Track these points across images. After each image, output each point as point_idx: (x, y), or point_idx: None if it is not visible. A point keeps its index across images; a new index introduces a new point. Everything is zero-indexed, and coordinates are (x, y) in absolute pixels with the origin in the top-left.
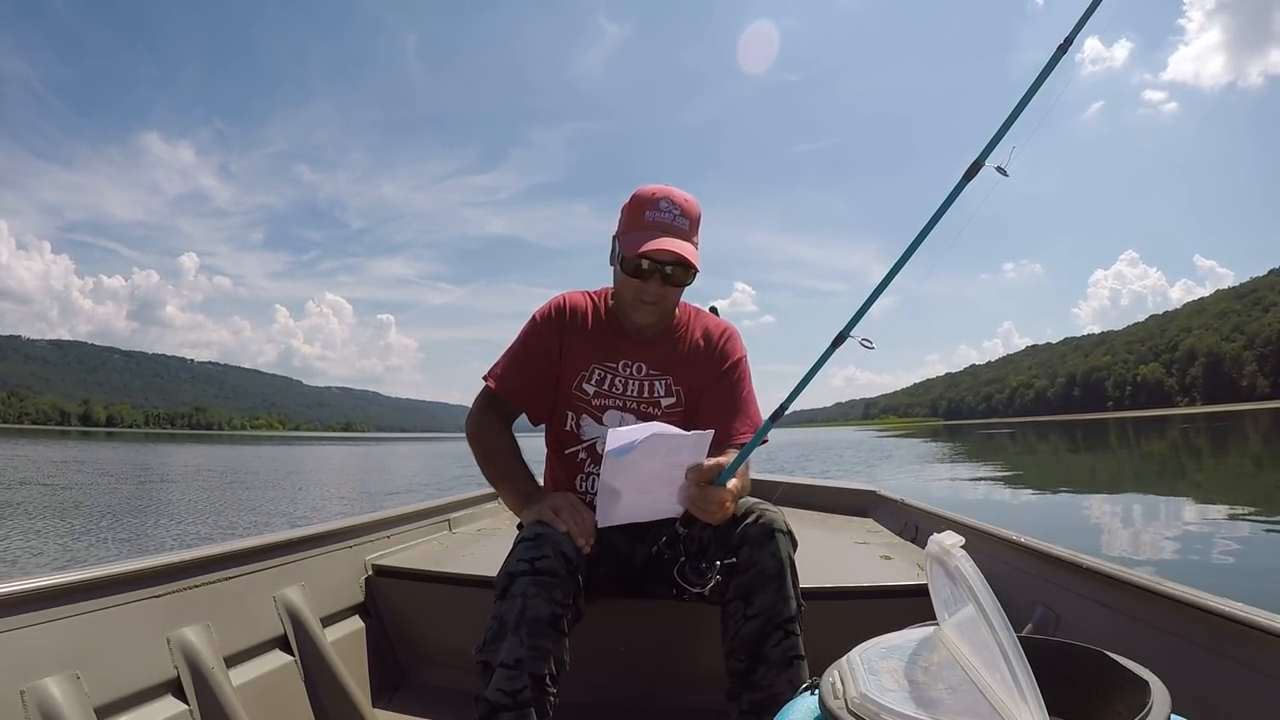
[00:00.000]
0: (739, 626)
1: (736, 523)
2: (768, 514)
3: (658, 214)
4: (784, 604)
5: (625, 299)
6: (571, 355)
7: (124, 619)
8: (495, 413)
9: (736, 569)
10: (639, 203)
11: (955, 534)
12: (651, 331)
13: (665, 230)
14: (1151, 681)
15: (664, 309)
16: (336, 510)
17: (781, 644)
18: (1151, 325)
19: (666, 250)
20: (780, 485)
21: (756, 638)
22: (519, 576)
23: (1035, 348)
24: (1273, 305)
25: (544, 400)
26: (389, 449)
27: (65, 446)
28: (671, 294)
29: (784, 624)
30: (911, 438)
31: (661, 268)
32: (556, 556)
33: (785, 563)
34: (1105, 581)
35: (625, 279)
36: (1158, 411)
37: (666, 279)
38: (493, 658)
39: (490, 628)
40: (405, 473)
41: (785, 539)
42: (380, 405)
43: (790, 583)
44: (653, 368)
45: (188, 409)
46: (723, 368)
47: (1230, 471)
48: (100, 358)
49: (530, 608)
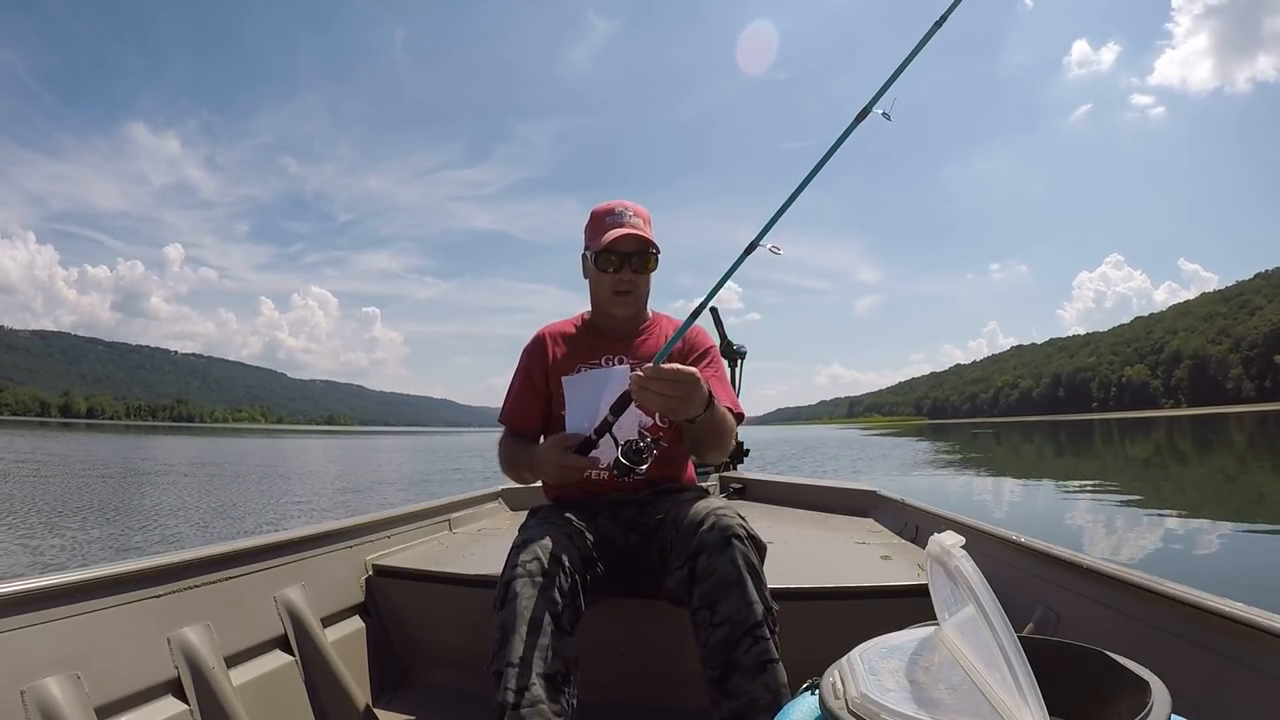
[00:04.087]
0: (708, 635)
1: (694, 529)
2: (724, 519)
3: (614, 218)
4: (748, 609)
5: (603, 297)
6: (558, 367)
7: (124, 619)
8: (514, 439)
9: (697, 576)
10: (598, 215)
11: (955, 534)
12: (629, 327)
13: (623, 227)
14: (1152, 681)
15: (639, 296)
16: (326, 508)
17: (752, 650)
18: (1137, 327)
19: (629, 236)
20: (780, 485)
21: (726, 645)
22: (514, 581)
23: (1020, 348)
24: (1258, 309)
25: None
26: (371, 442)
27: (39, 438)
28: (641, 280)
29: (751, 629)
30: (897, 436)
31: (629, 257)
32: (548, 557)
33: (744, 569)
34: (1105, 581)
35: (600, 277)
36: (1143, 413)
37: (635, 266)
38: (500, 664)
39: (496, 637)
40: (385, 466)
41: (744, 544)
42: (365, 399)
43: (753, 587)
44: (632, 358)
45: (169, 401)
46: (693, 355)
47: (1213, 473)
48: (83, 349)
49: (528, 609)
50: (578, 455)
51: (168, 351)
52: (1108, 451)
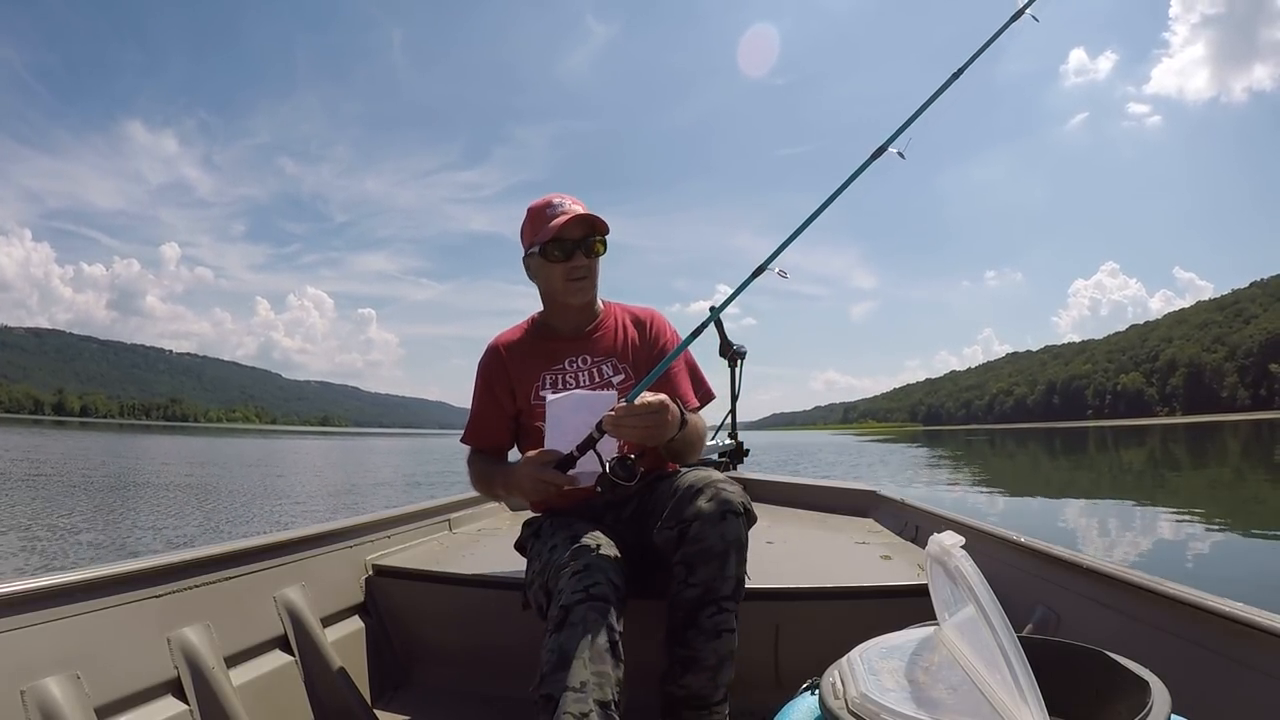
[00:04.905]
0: (679, 590)
1: (692, 496)
2: (724, 492)
3: (553, 209)
4: (723, 582)
5: (557, 289)
6: (519, 378)
7: (124, 619)
8: (481, 457)
9: (686, 539)
10: (536, 210)
11: (955, 534)
12: (585, 321)
13: (566, 213)
14: (1152, 682)
15: (593, 282)
16: (323, 510)
17: (714, 617)
18: (1132, 335)
19: (575, 217)
20: (780, 485)
21: (693, 604)
22: (576, 606)
23: (1016, 355)
24: (1254, 317)
25: (513, 433)
26: (366, 443)
27: (31, 435)
28: (594, 265)
29: (720, 600)
30: (892, 442)
31: (579, 243)
32: (608, 584)
33: (732, 544)
34: (1105, 581)
35: (551, 268)
36: (1138, 421)
37: (586, 250)
38: (555, 689)
39: (549, 660)
40: (381, 468)
41: (739, 520)
42: (360, 400)
43: (734, 563)
44: (595, 355)
45: (164, 400)
46: (659, 346)
47: (1208, 481)
48: (78, 347)
49: (592, 635)
50: (557, 471)
51: (163, 351)
52: (1102, 458)
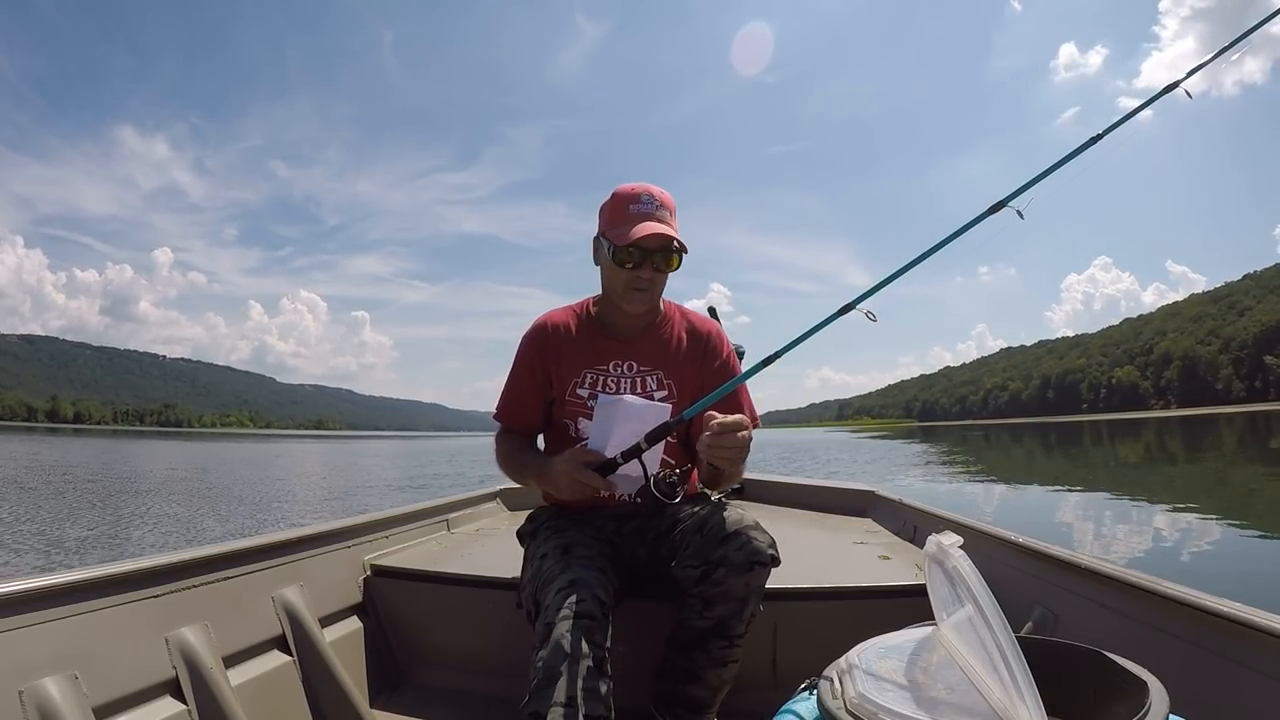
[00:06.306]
0: (691, 618)
1: (720, 540)
2: (755, 541)
3: (640, 206)
4: (737, 623)
5: (617, 291)
6: (561, 366)
7: (122, 619)
8: (511, 437)
9: (709, 580)
10: (621, 199)
11: (953, 534)
12: (640, 325)
13: (649, 219)
14: (1150, 682)
15: (655, 294)
16: (320, 512)
17: (724, 650)
18: (1126, 328)
19: (657, 234)
20: (778, 485)
21: (705, 633)
22: (560, 623)
23: (1009, 350)
24: (1247, 309)
25: (546, 417)
26: (361, 446)
27: (24, 442)
28: (660, 279)
29: (731, 636)
30: (888, 439)
31: (652, 254)
32: (593, 601)
33: (754, 592)
34: (1104, 582)
35: (616, 270)
36: (1133, 414)
37: (657, 265)
38: (542, 705)
39: (536, 677)
40: (376, 470)
41: (764, 571)
42: (354, 403)
43: (750, 608)
44: (643, 364)
45: (157, 406)
46: (714, 364)
47: (1204, 473)
48: (71, 353)
49: (578, 652)
50: (596, 474)
51: (156, 356)
52: (1097, 452)
